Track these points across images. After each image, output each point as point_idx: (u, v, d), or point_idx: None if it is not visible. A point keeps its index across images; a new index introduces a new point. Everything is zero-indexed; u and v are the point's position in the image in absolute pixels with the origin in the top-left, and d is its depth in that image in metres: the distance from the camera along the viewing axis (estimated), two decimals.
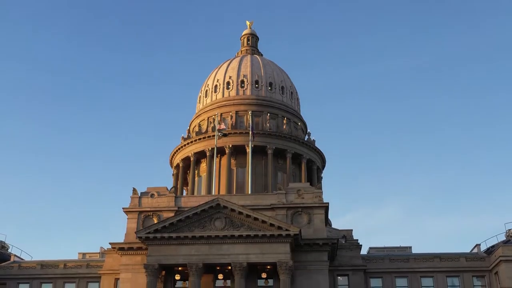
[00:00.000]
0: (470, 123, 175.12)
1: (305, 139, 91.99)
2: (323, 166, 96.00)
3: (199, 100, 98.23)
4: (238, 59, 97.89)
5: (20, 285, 73.04)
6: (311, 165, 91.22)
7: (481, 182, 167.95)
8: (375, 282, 68.75)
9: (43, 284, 72.78)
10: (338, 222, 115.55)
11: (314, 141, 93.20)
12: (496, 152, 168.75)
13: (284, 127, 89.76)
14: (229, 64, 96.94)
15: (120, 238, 64.77)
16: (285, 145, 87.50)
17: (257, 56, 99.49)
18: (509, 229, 76.29)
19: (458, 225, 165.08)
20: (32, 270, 73.83)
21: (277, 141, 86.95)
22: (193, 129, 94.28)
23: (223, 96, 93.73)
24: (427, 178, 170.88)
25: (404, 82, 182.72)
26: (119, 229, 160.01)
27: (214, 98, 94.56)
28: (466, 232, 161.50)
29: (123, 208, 65.79)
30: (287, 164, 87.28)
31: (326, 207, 64.21)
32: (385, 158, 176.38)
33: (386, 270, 69.09)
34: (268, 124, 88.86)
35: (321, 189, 66.78)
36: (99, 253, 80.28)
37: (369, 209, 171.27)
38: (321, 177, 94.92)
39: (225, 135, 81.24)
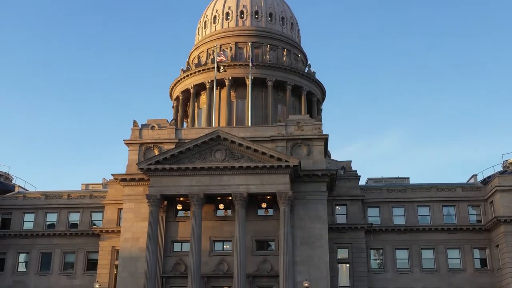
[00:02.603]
0: (469, 53, 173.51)
1: (305, 71, 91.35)
2: (323, 98, 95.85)
3: (198, 32, 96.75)
4: None
5: (25, 214, 74.57)
6: (311, 97, 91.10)
7: (480, 114, 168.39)
8: (372, 211, 70.20)
9: (48, 214, 74.32)
10: (338, 153, 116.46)
11: (314, 73, 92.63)
12: (495, 82, 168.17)
13: (284, 58, 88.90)
14: None
15: (122, 170, 65.84)
16: (285, 77, 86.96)
17: None
18: (506, 160, 77.11)
19: (457, 156, 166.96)
20: (36, 201, 75.21)
21: (277, 73, 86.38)
22: (192, 61, 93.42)
23: (222, 27, 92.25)
24: (426, 109, 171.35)
25: (406, 12, 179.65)
26: (121, 161, 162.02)
27: (213, 29, 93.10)
28: (464, 163, 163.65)
29: (124, 140, 66.29)
30: (287, 96, 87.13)
31: (325, 139, 64.67)
32: (384, 89, 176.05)
33: (384, 200, 70.40)
34: (268, 56, 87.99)
35: (321, 121, 66.89)
36: (102, 184, 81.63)
37: (368, 141, 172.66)
38: (321, 109, 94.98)
39: (222, 69, 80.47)
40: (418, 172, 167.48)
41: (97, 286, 56.48)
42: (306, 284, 53.13)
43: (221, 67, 78.93)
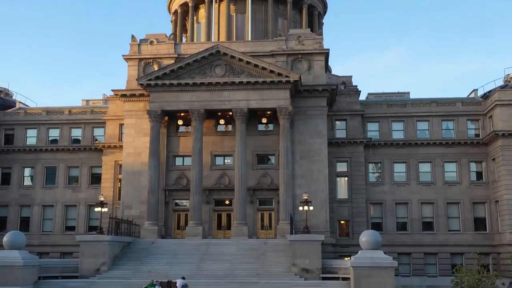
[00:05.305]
0: None
1: None
2: (325, 12, 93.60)
3: None
4: None
5: (28, 130, 75.11)
6: (312, 11, 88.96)
7: (482, 28, 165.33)
8: (372, 126, 70.68)
9: (50, 130, 74.93)
10: (338, 68, 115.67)
11: None
12: None
13: None
14: None
15: (122, 86, 65.64)
16: None
17: None
18: (508, 74, 76.46)
19: (458, 71, 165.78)
20: (38, 116, 75.49)
21: None
22: None
23: None
24: (427, 23, 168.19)
25: None
26: (120, 76, 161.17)
27: None
28: (466, 78, 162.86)
29: (123, 56, 65.69)
30: (287, 10, 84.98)
31: (326, 54, 64.06)
32: (386, 4, 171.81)
33: (383, 114, 70.66)
34: None
35: (322, 35, 65.97)
36: (102, 100, 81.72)
37: (369, 56, 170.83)
38: (322, 23, 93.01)
39: None
40: (419, 87, 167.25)
41: (101, 198, 57.91)
42: (305, 197, 54.50)
43: None
